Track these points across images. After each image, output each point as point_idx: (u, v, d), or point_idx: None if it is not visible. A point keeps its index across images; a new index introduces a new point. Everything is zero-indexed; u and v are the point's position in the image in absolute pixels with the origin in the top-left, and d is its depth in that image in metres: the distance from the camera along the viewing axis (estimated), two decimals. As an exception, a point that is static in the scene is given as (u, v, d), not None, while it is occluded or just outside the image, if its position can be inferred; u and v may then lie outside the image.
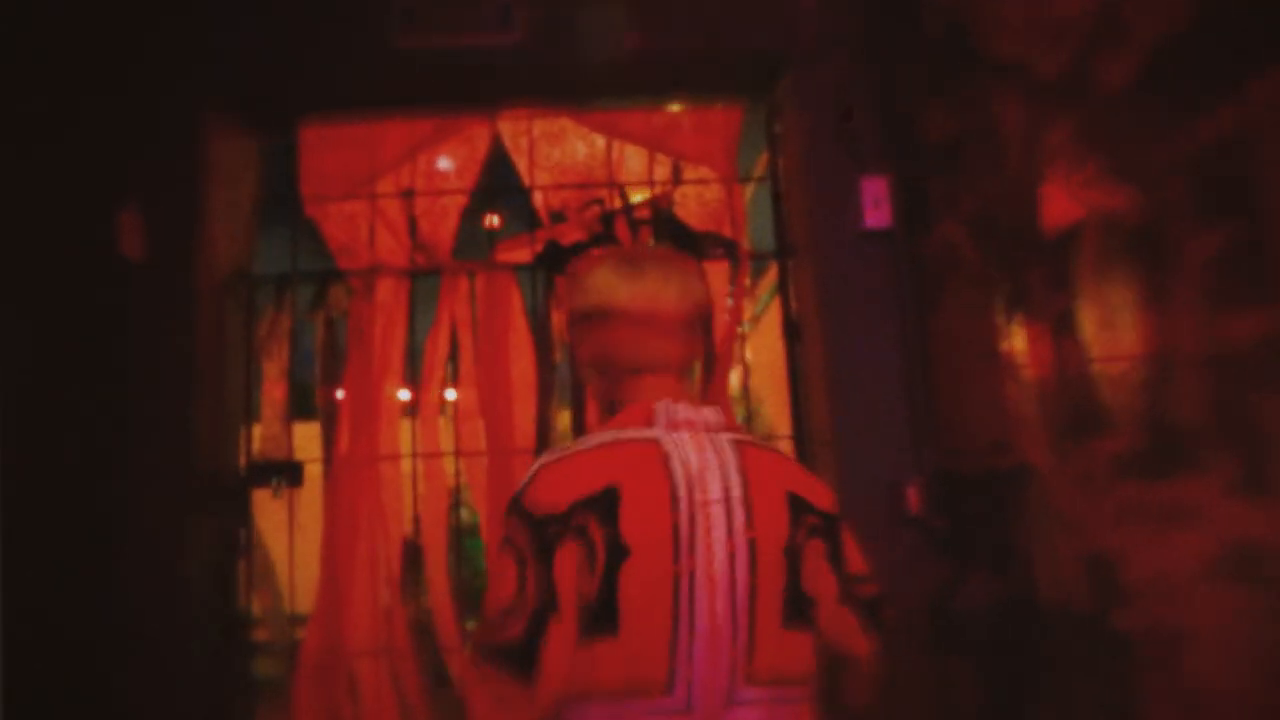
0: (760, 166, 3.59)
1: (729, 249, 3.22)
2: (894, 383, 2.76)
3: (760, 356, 3.94)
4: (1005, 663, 2.26)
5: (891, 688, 2.69)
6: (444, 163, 3.41)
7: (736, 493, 1.21)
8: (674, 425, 1.25)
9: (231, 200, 3.08)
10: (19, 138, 2.51)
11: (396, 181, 3.26)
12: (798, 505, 1.26)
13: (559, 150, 3.35)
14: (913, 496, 2.68)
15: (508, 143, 3.33)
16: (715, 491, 1.20)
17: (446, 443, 3.14)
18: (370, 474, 3.00)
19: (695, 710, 1.14)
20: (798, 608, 1.23)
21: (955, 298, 2.48)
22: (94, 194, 2.76)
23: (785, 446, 3.26)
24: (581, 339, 1.39)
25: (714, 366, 3.16)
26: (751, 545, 1.19)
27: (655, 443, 1.22)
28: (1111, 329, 1.73)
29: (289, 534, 2.93)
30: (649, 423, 1.25)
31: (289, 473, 2.97)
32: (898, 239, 2.78)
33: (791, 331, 3.06)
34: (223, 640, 2.77)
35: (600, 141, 3.37)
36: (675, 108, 3.27)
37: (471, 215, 3.31)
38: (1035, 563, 2.08)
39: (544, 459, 1.24)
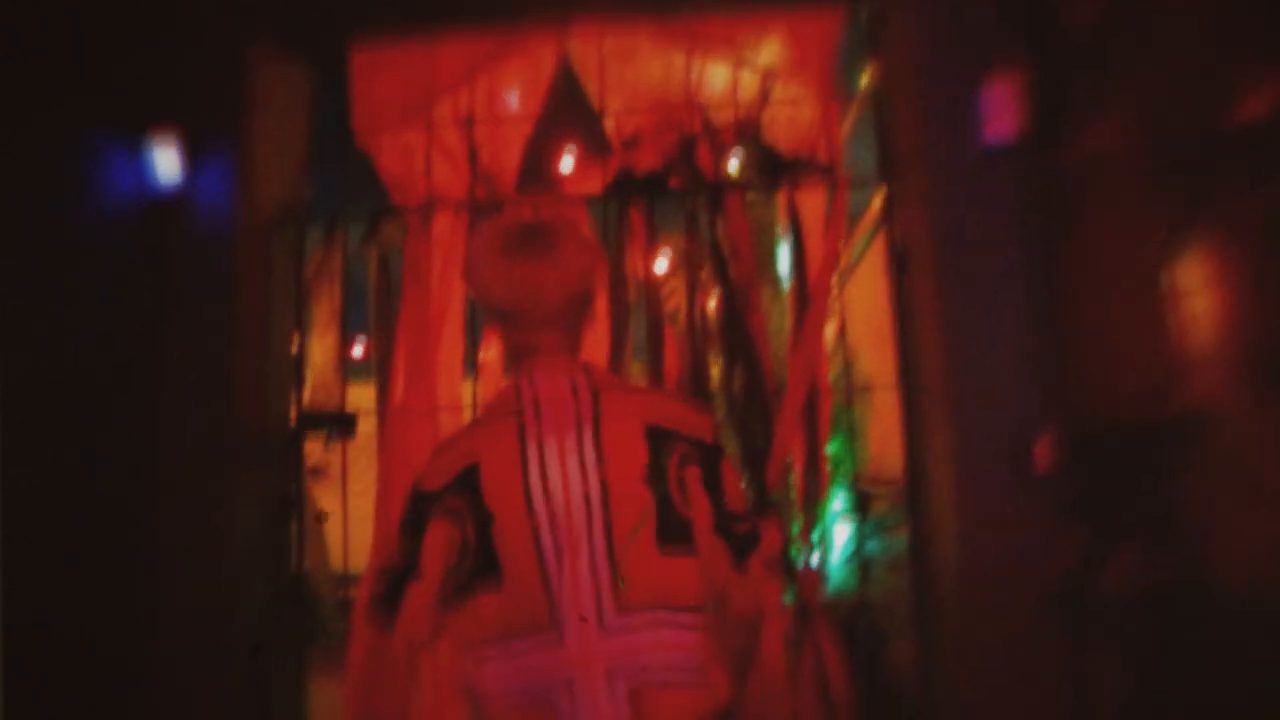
0: (861, 88, 3.19)
1: (825, 176, 2.83)
2: (1019, 320, 2.35)
3: (859, 301, 3.54)
4: (1161, 660, 1.87)
5: (1015, 682, 2.34)
6: (510, 96, 3.11)
7: (588, 438, 1.32)
8: (535, 398, 1.36)
9: (279, 131, 2.84)
10: (50, 63, 2.32)
11: (455, 108, 2.96)
12: (659, 436, 1.34)
13: (632, 69, 3.00)
14: (1041, 455, 2.28)
15: (576, 62, 3.00)
16: (570, 444, 1.32)
17: (511, 393, 2.87)
18: (428, 426, 2.74)
19: (569, 641, 1.26)
20: (675, 533, 1.31)
21: (1103, 215, 2.07)
22: (130, 125, 2.55)
23: (888, 398, 2.89)
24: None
25: (806, 314, 2.79)
26: (603, 482, 1.30)
27: (514, 416, 1.36)
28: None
29: (341, 489, 2.71)
30: (515, 400, 1.38)
31: (341, 424, 2.75)
32: (1028, 151, 2.35)
33: (898, 265, 2.66)
34: (271, 602, 2.58)
35: (679, 59, 3.00)
36: (764, 15, 2.87)
37: (537, 143, 3.00)
38: (1210, 538, 1.68)
39: (441, 443, 1.49)
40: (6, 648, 1.89)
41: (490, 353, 3.00)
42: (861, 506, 4.02)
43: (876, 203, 3.55)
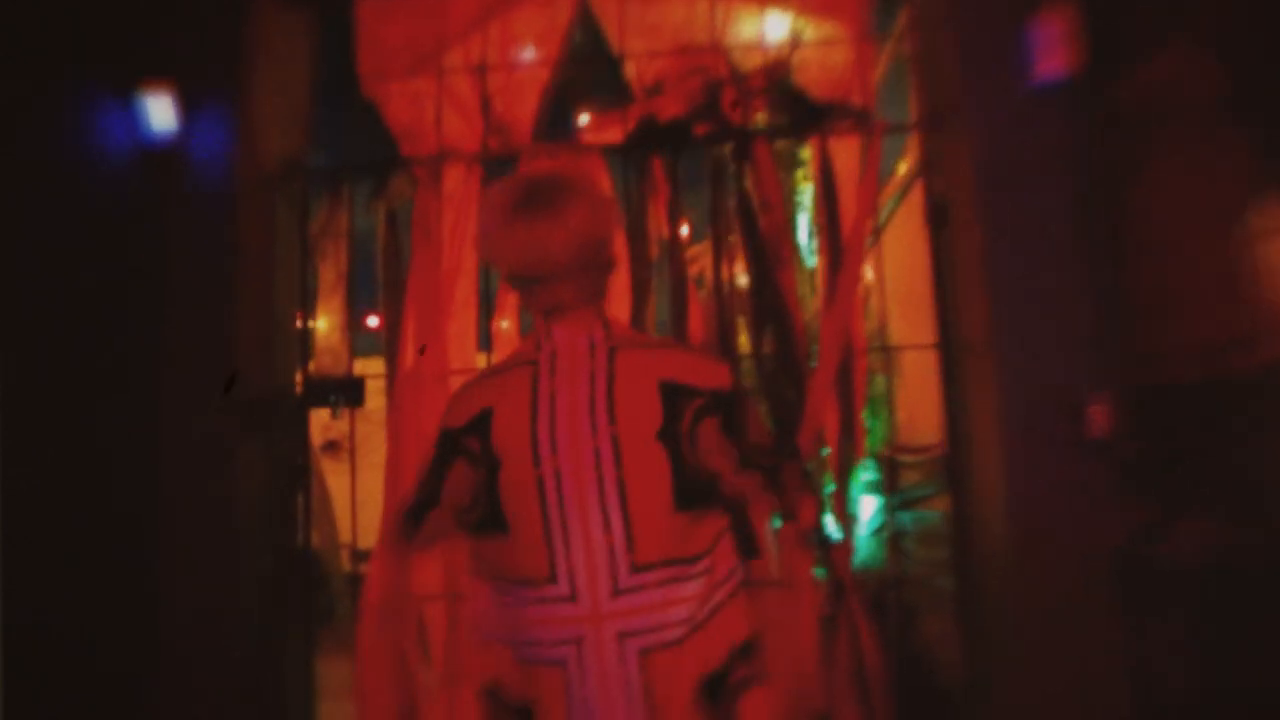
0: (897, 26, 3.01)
1: (859, 121, 2.65)
2: (1073, 271, 2.18)
3: (889, 259, 3.37)
4: (1230, 637, 1.71)
5: (1067, 661, 2.19)
6: (525, 41, 2.95)
7: (601, 395, 1.31)
8: (552, 351, 1.37)
9: (280, 80, 2.69)
10: (41, 12, 2.19)
11: (466, 54, 2.80)
12: (675, 392, 1.33)
13: (654, 11, 2.84)
14: (1096, 416, 2.12)
15: (594, 4, 2.83)
16: (581, 398, 1.31)
17: (526, 356, 2.73)
18: (440, 391, 2.61)
19: (580, 598, 1.26)
20: (690, 490, 1.30)
21: (1170, 154, 1.89)
22: (122, 75, 2.42)
23: (920, 360, 2.72)
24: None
25: (840, 270, 2.63)
26: (615, 440, 1.29)
27: (531, 365, 1.37)
28: None
29: (350, 458, 2.59)
30: (533, 351, 1.39)
31: (350, 390, 2.62)
32: (1082, 88, 2.16)
33: (937, 217, 2.49)
34: (278, 576, 2.47)
35: (703, -1, 2.82)
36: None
37: (553, 91, 2.84)
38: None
39: (465, 382, 1.48)
40: (6, 647, 1.80)
41: (505, 322, 2.86)
42: (891, 476, 3.87)
43: (908, 158, 3.36)
